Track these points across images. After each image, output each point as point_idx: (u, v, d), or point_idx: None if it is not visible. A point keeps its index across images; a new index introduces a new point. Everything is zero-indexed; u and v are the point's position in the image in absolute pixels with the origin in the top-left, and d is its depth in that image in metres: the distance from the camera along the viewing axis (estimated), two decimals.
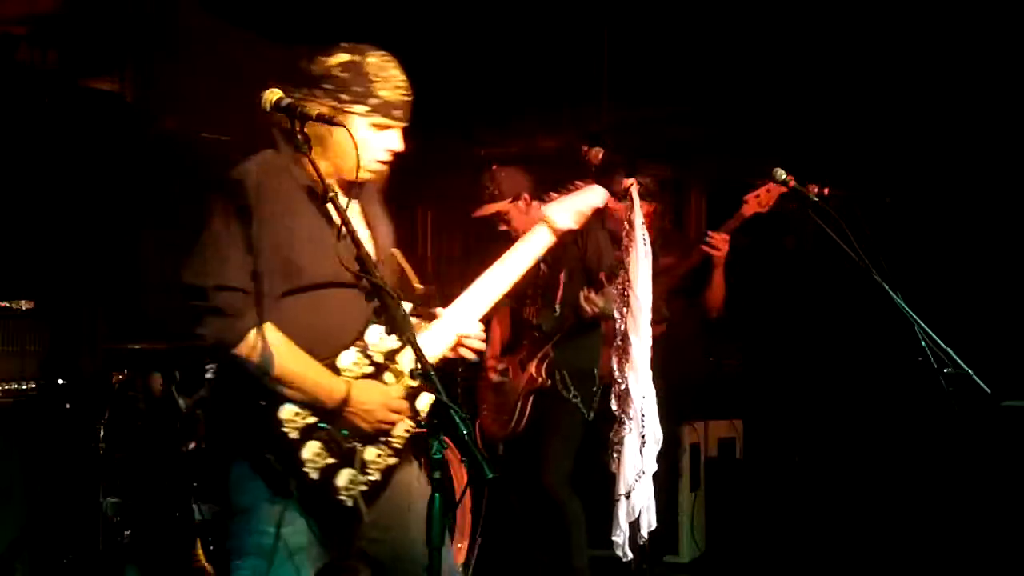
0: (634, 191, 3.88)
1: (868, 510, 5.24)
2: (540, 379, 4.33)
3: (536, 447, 4.35)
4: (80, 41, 5.43)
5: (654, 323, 3.75)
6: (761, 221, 4.30)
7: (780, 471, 5.86)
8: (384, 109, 2.57)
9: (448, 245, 7.73)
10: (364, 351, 2.56)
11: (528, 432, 4.39)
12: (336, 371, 2.52)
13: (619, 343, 3.81)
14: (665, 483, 4.91)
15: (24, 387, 4.15)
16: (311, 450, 2.46)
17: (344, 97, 2.54)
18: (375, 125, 2.58)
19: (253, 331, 2.42)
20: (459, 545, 4.60)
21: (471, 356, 2.74)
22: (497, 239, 4.57)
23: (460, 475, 4.57)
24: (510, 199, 4.36)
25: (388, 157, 2.63)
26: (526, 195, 4.42)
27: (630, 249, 3.83)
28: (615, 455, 3.79)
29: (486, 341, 2.78)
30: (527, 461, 4.35)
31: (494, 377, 4.46)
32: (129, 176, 5.45)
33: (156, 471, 4.30)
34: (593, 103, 6.23)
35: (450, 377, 4.56)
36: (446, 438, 2.19)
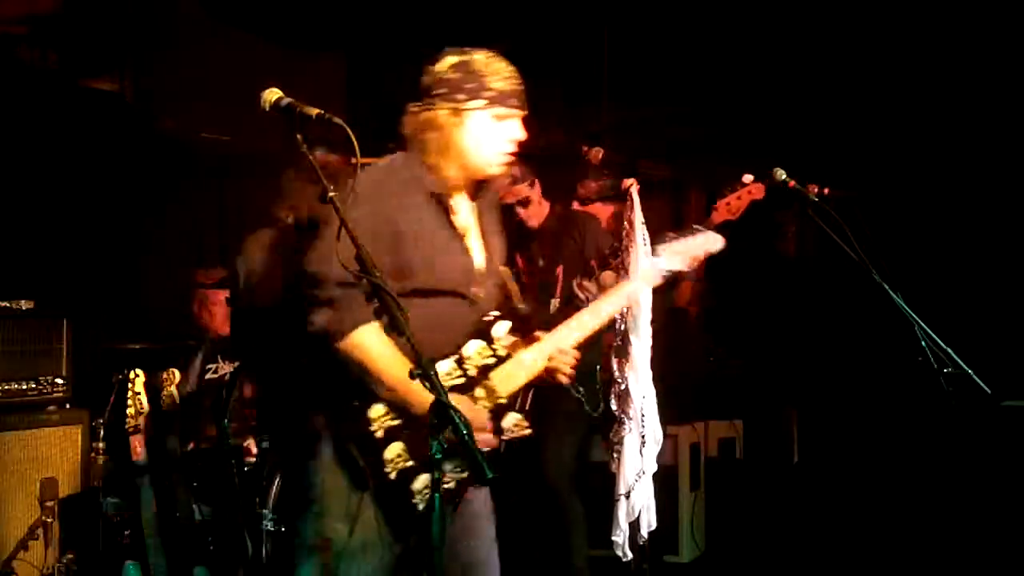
0: (634, 191, 3.88)
1: (868, 510, 5.24)
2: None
3: (537, 444, 4.33)
4: (80, 41, 5.43)
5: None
6: (762, 223, 4.29)
7: (780, 471, 5.86)
8: (501, 99, 2.61)
9: None
10: (460, 362, 2.61)
11: (532, 424, 4.37)
12: None
13: (619, 343, 3.81)
14: (664, 483, 4.91)
15: (24, 387, 4.15)
16: (393, 451, 2.50)
17: (460, 97, 2.58)
18: (496, 117, 2.62)
19: (360, 329, 2.47)
20: None
21: (564, 380, 2.77)
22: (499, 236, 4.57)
23: None
24: (528, 183, 4.37)
25: (512, 148, 2.67)
26: (536, 181, 4.43)
27: (630, 249, 3.82)
28: (615, 455, 3.78)
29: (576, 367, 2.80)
30: (527, 459, 4.34)
31: None
32: (129, 176, 5.45)
33: (157, 471, 4.29)
34: (593, 103, 6.24)
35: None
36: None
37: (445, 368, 2.58)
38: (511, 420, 2.69)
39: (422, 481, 2.51)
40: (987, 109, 5.61)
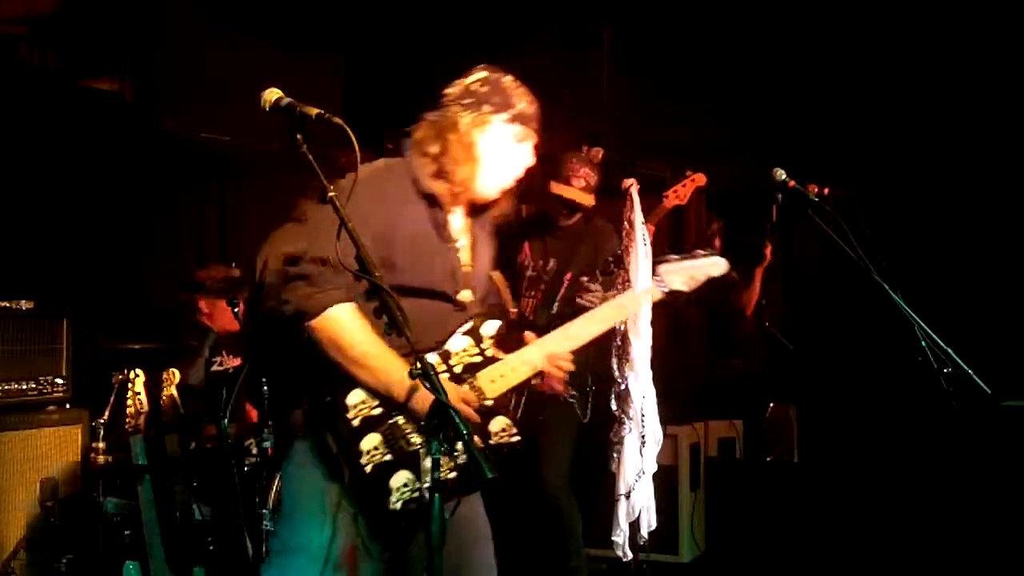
0: (634, 191, 3.88)
1: (868, 510, 5.24)
2: (535, 378, 4.28)
3: (534, 446, 4.33)
4: (80, 41, 5.42)
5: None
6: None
7: (780, 471, 5.86)
8: (523, 118, 2.66)
9: None
10: (445, 358, 2.58)
11: (524, 431, 4.37)
12: None
13: (619, 343, 3.81)
14: (664, 483, 4.91)
15: (24, 387, 4.15)
16: (370, 442, 2.44)
17: (487, 108, 2.63)
18: (515, 136, 2.65)
19: (336, 306, 2.44)
20: None
21: (558, 388, 2.76)
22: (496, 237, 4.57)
23: None
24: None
25: (519, 173, 2.70)
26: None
27: (630, 249, 3.83)
28: (615, 455, 3.79)
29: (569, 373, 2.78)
30: (524, 461, 4.34)
31: None
32: (129, 176, 5.45)
33: (157, 471, 4.30)
34: (593, 103, 6.24)
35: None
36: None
37: (429, 361, 2.51)
38: (498, 425, 2.64)
39: (401, 478, 2.44)
40: (987, 109, 5.62)
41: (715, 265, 2.98)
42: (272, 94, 2.45)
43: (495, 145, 2.63)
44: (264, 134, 5.23)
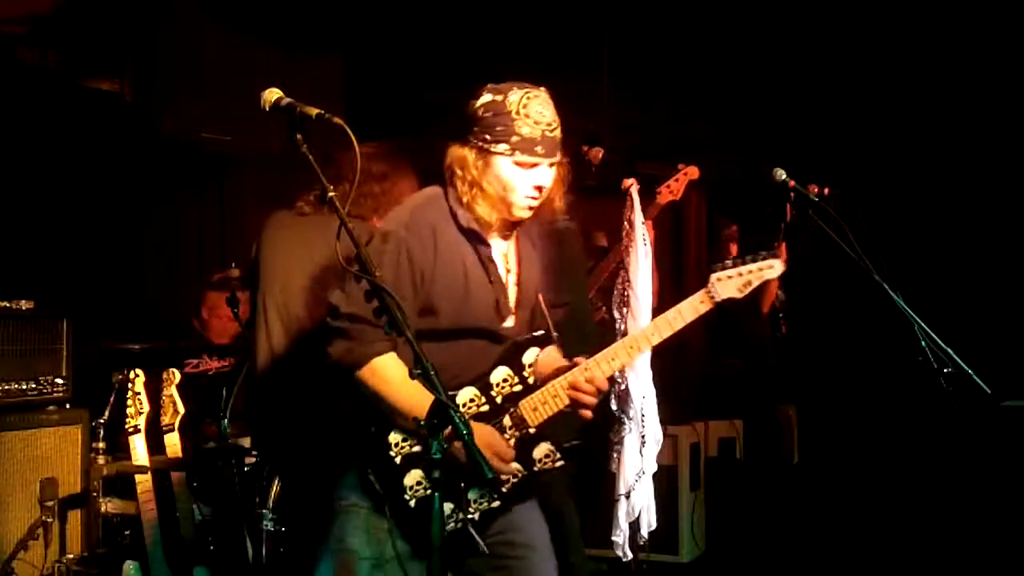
0: (634, 191, 3.88)
1: (868, 510, 5.24)
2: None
3: None
4: (80, 41, 5.42)
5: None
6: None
7: (780, 471, 5.86)
8: (524, 146, 2.56)
9: None
10: (486, 390, 2.59)
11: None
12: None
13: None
14: (664, 483, 4.91)
15: (24, 387, 4.15)
16: (413, 478, 2.52)
17: (488, 137, 2.58)
18: (519, 164, 2.58)
19: (377, 359, 2.50)
20: None
21: (586, 415, 2.69)
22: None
23: None
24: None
25: (535, 194, 2.62)
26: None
27: (630, 249, 3.83)
28: (615, 455, 3.79)
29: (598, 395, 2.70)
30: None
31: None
32: (129, 176, 5.45)
33: (156, 471, 4.29)
34: (593, 103, 6.24)
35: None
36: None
37: (469, 395, 2.58)
38: (542, 451, 2.63)
39: (445, 510, 2.48)
40: (987, 109, 5.62)
41: (772, 269, 2.75)
42: (272, 94, 2.45)
43: (500, 177, 2.58)
44: (264, 134, 5.23)
